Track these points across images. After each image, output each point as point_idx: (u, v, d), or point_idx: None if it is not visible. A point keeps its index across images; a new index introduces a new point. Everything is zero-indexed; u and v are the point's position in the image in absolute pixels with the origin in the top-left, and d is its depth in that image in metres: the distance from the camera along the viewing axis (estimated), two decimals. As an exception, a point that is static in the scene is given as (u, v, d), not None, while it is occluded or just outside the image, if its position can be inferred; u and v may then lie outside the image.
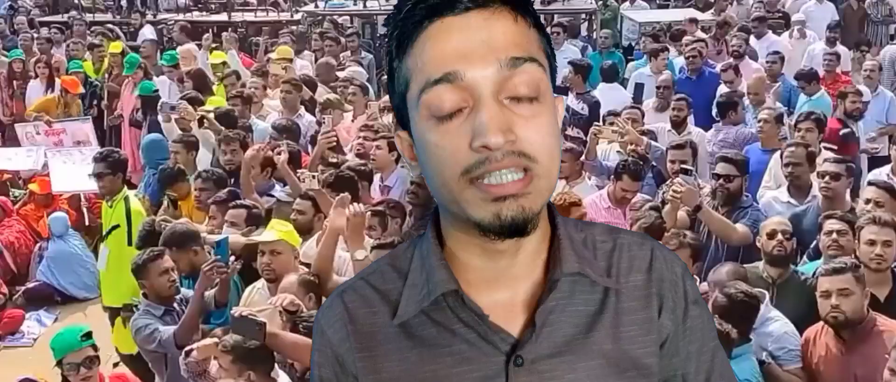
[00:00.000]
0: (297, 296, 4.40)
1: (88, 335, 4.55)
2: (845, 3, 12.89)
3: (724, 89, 8.60)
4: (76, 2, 16.16)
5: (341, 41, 11.65)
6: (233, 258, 4.85)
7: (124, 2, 15.78)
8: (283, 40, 11.48)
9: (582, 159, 6.69)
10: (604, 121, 7.67)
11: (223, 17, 14.58)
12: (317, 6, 14.07)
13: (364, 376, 1.27)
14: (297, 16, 14.34)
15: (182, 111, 7.58)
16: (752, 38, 10.89)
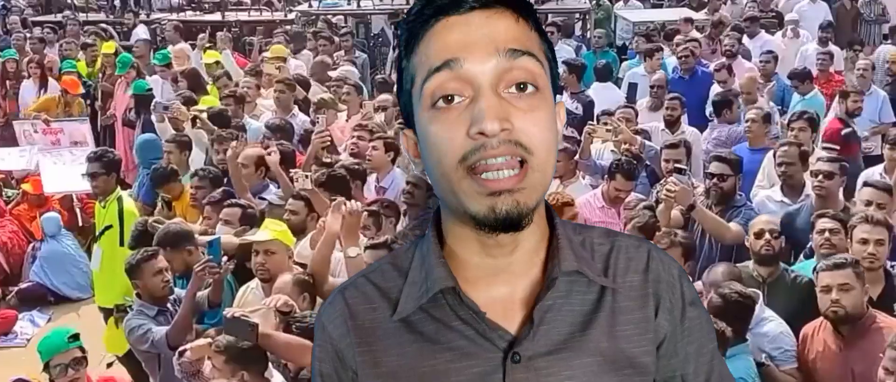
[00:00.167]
0: (292, 296, 4.39)
1: (75, 336, 4.55)
2: (838, 3, 12.90)
3: (717, 89, 8.61)
4: (69, 1, 16.12)
5: (335, 41, 11.64)
6: (225, 258, 4.84)
7: (118, 1, 15.77)
8: (277, 40, 11.47)
9: (576, 158, 6.71)
10: (598, 120, 7.67)
11: (217, 16, 14.56)
12: (310, 6, 14.04)
13: (363, 370, 1.29)
14: (291, 15, 14.32)
15: (175, 111, 7.56)
16: (746, 38, 10.91)
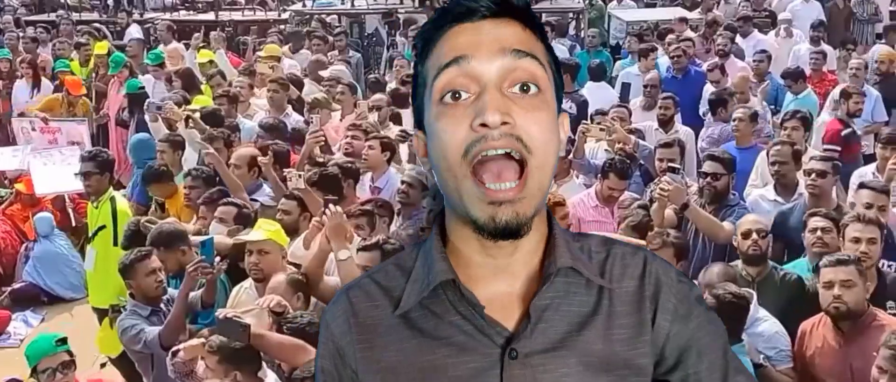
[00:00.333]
0: (286, 296, 4.38)
1: (63, 340, 4.54)
2: (831, 2, 12.92)
3: (710, 88, 8.65)
4: (63, 1, 16.08)
5: (329, 40, 11.63)
6: (218, 258, 4.84)
7: (111, 1, 15.73)
8: (271, 39, 11.46)
9: (570, 157, 6.71)
10: (592, 120, 7.68)
11: (210, 16, 14.54)
12: (304, 5, 14.03)
13: (364, 366, 1.33)
14: (285, 15, 14.30)
15: (168, 111, 7.55)
16: (739, 37, 10.93)
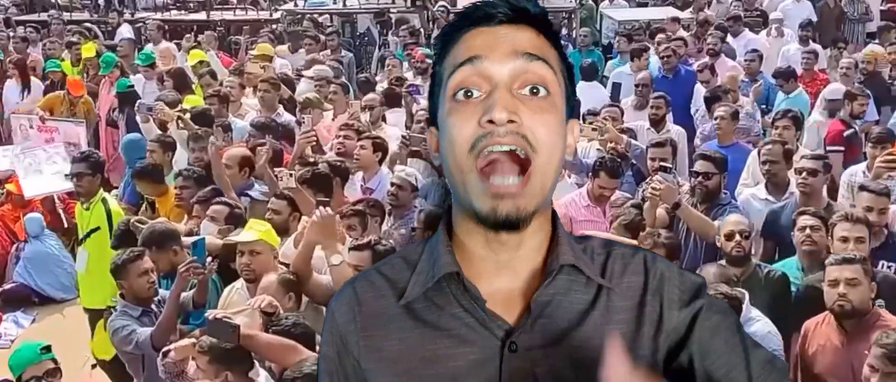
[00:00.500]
0: (277, 296, 4.37)
1: (47, 348, 4.51)
2: (822, 2, 12.96)
3: (701, 88, 8.68)
4: (53, 0, 16.03)
5: (321, 40, 11.62)
6: (209, 258, 4.82)
7: (102, 0, 15.67)
8: (263, 39, 11.43)
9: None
10: (584, 119, 7.68)
11: (202, 15, 14.50)
12: (296, 4, 13.99)
13: (366, 354, 1.36)
14: (277, 14, 14.27)
15: (158, 112, 7.53)
16: (730, 37, 10.95)
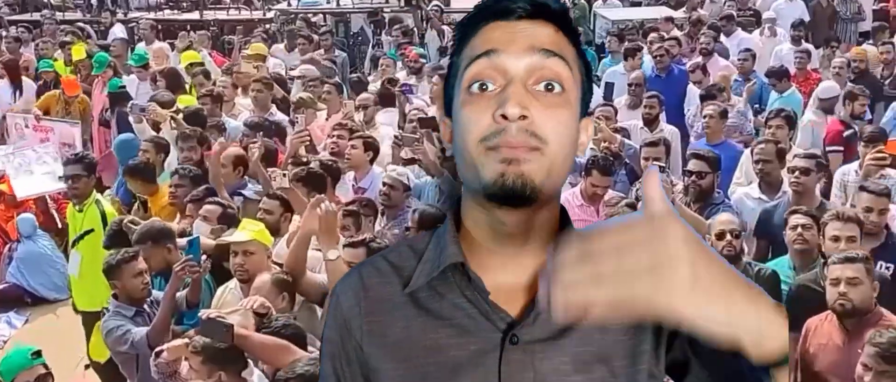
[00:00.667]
0: (270, 296, 4.36)
1: (38, 353, 4.49)
2: (815, 1, 12.98)
3: (694, 88, 8.73)
4: (46, 0, 15.99)
5: (314, 39, 11.60)
6: (204, 256, 4.82)
7: (94, 0, 15.63)
8: (256, 39, 11.41)
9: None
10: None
11: (195, 15, 14.48)
12: (289, 4, 13.98)
13: (369, 340, 1.36)
14: (270, 14, 14.26)
15: (151, 113, 7.51)
16: (723, 36, 10.97)
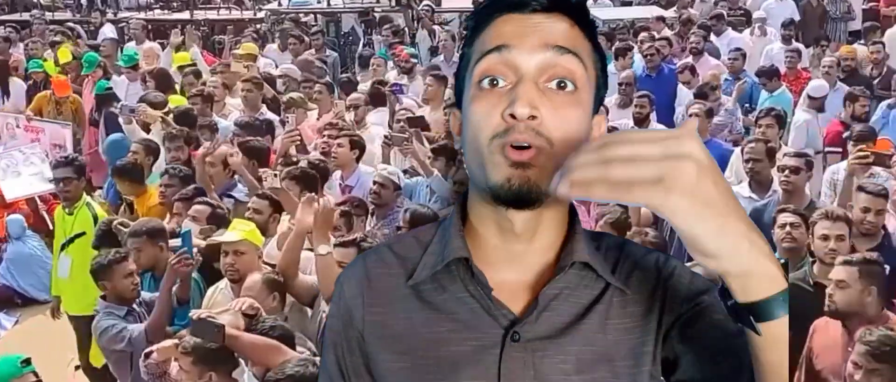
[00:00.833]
0: (261, 296, 4.35)
1: (27, 361, 4.45)
2: (805, 1, 13.02)
3: (683, 89, 8.77)
4: (35, 0, 15.92)
5: (305, 39, 11.58)
6: (195, 249, 4.82)
7: (84, 0, 15.58)
8: (247, 38, 11.39)
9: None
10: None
11: (185, 14, 14.44)
12: (280, 4, 13.95)
13: (370, 330, 1.36)
14: (261, 14, 14.23)
15: (141, 114, 7.48)
16: (713, 36, 11.00)
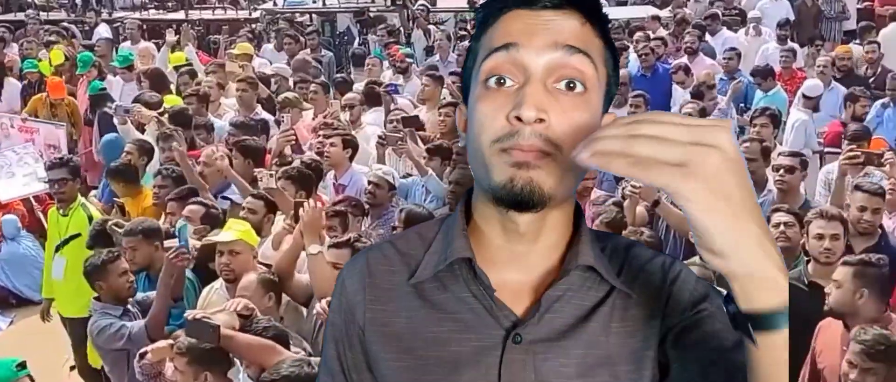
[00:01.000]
0: (256, 296, 4.35)
1: (22, 365, 4.44)
2: (800, 0, 13.06)
3: (678, 89, 8.81)
4: (30, 0, 15.89)
5: (300, 39, 11.58)
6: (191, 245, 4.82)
7: (79, 0, 15.56)
8: (242, 38, 11.39)
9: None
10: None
11: (180, 14, 14.42)
12: (275, 4, 13.94)
13: (370, 326, 1.34)
14: (256, 14, 14.22)
15: (136, 114, 7.47)
16: (708, 36, 11.02)
